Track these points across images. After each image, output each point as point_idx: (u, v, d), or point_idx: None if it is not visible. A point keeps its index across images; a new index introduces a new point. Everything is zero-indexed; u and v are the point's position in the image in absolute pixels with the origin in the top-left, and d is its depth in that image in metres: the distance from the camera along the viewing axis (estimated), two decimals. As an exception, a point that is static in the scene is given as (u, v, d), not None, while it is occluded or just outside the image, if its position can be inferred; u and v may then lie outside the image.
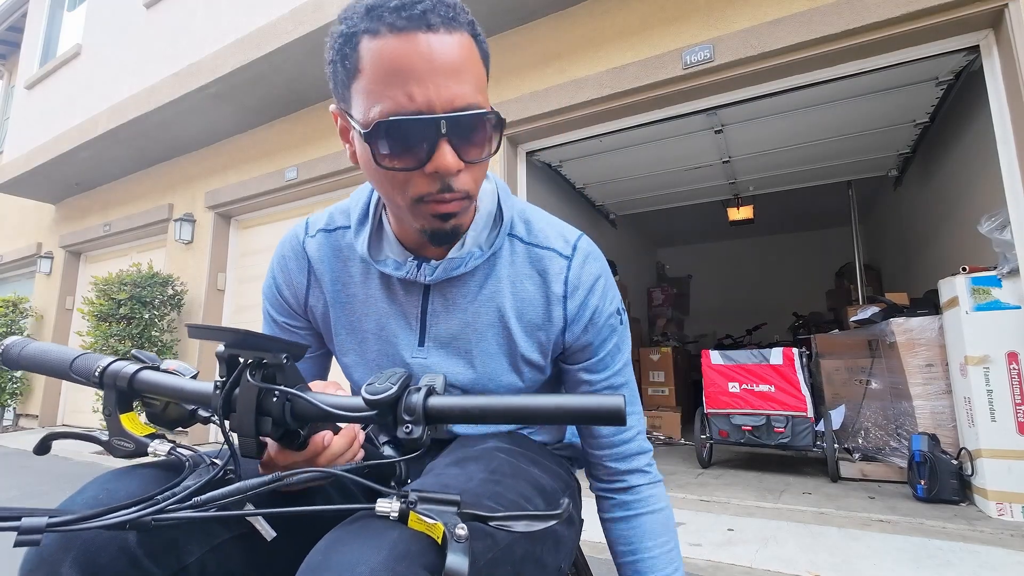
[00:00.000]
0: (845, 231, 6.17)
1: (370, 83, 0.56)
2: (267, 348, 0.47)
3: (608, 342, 0.75)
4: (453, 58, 0.56)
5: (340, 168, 4.68)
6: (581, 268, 0.73)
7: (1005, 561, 2.00)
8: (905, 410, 3.18)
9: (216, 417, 0.49)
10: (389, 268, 0.72)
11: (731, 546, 2.23)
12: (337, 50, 0.59)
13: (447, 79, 0.55)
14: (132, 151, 6.09)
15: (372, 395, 0.43)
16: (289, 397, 0.47)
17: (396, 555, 0.43)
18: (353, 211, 0.76)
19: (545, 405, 0.41)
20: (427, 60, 0.54)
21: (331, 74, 0.61)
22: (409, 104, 0.55)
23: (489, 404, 0.42)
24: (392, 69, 0.54)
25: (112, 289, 5.34)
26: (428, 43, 0.54)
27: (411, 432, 0.41)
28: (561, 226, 0.78)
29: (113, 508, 0.41)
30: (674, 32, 3.31)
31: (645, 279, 8.31)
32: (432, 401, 0.42)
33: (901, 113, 4.06)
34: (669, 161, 4.88)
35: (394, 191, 0.61)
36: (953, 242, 4.07)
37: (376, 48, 0.55)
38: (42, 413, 7.01)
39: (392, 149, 0.57)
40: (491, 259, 0.73)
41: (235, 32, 4.69)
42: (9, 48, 9.37)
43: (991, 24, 2.68)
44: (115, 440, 0.51)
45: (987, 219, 2.71)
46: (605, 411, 0.40)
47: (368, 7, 0.56)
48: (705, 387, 3.70)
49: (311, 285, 0.79)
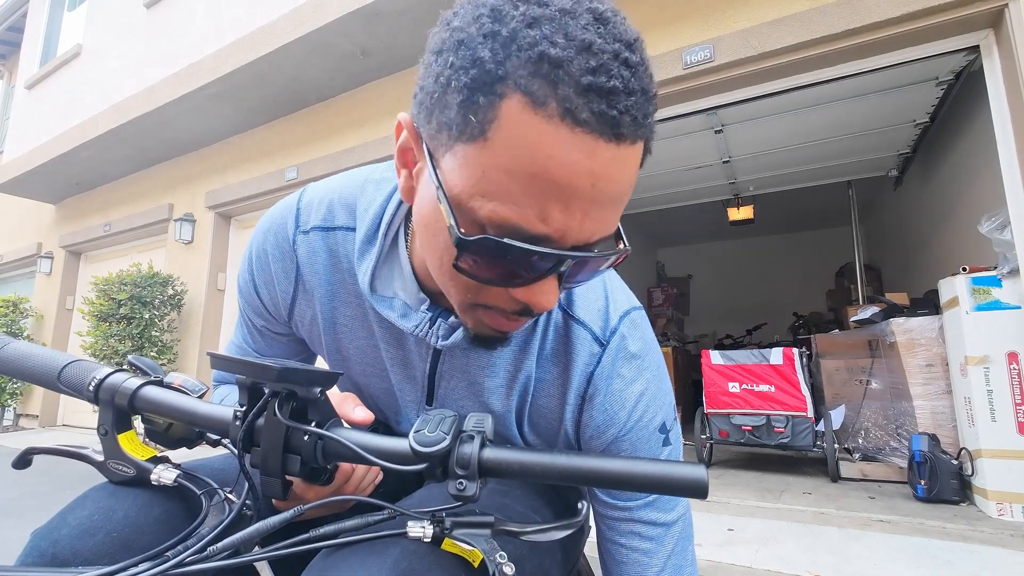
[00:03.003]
0: (845, 231, 6.16)
1: (497, 171, 0.38)
2: (298, 381, 0.41)
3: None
4: (623, 186, 0.40)
5: (340, 168, 4.68)
6: (612, 366, 0.57)
7: (1005, 561, 2.00)
8: (905, 410, 3.17)
9: (235, 449, 0.44)
10: (395, 313, 0.56)
11: (731, 546, 2.23)
12: (458, 76, 0.38)
13: (603, 211, 0.40)
14: (132, 151, 6.09)
15: (423, 446, 0.38)
16: (321, 436, 0.42)
17: (399, 572, 0.42)
18: (360, 218, 0.58)
19: (615, 469, 0.37)
20: (593, 184, 0.38)
21: (429, 90, 0.41)
22: (538, 226, 0.39)
23: (551, 462, 0.38)
24: (543, 175, 0.37)
25: (112, 289, 5.34)
26: (606, 161, 0.38)
27: (464, 489, 0.37)
28: (610, 295, 0.59)
29: (119, 568, 0.37)
30: (674, 32, 3.31)
31: (645, 279, 8.32)
32: (487, 454, 0.38)
33: (901, 113, 4.06)
34: (669, 161, 4.88)
35: (453, 285, 0.46)
36: (953, 242, 4.07)
37: (531, 132, 0.37)
38: (42, 413, 7.01)
39: (485, 263, 0.42)
40: (524, 329, 0.57)
41: (235, 32, 4.69)
42: (9, 48, 9.37)
43: (991, 24, 2.68)
44: (112, 463, 0.46)
45: (987, 219, 2.71)
46: (687, 482, 0.34)
47: (542, 55, 0.36)
48: (705, 387, 3.70)
49: (298, 295, 0.63)
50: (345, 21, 3.88)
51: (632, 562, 0.59)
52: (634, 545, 0.59)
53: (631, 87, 0.37)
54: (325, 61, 4.36)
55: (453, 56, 0.39)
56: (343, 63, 4.39)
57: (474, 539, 0.41)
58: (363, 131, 4.64)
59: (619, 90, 0.37)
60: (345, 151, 4.68)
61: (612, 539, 0.60)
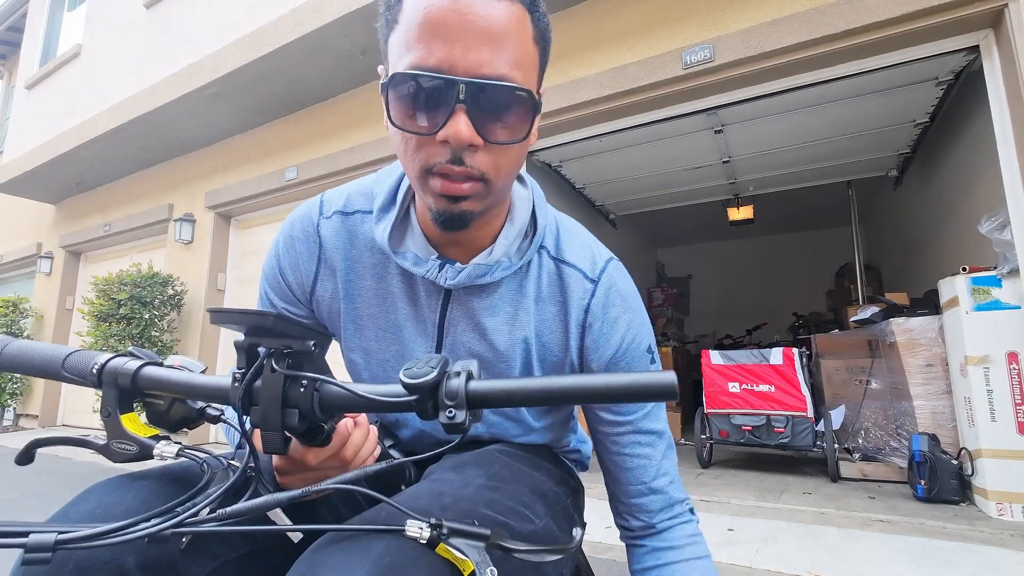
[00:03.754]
0: (845, 231, 6.17)
1: (402, 33, 0.53)
2: (293, 335, 0.44)
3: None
4: (492, 23, 0.51)
5: (340, 168, 4.68)
6: (606, 297, 0.68)
7: (1005, 561, 2.00)
8: (905, 410, 3.17)
9: (235, 412, 0.45)
10: (408, 262, 0.66)
11: (731, 546, 2.23)
12: (385, 2, 0.56)
13: (478, 42, 0.50)
14: (132, 151, 6.09)
15: (412, 379, 0.40)
16: (318, 386, 0.44)
17: (383, 567, 0.42)
18: (378, 195, 0.69)
19: (591, 385, 0.39)
20: (461, 17, 0.50)
21: (379, 31, 0.57)
22: (429, 60, 0.50)
23: (534, 386, 0.40)
24: (423, 20, 0.50)
25: (112, 289, 5.34)
26: (470, 1, 0.50)
27: (454, 417, 0.39)
28: (592, 244, 0.72)
29: (129, 524, 0.38)
30: (674, 32, 3.31)
31: (645, 279, 8.32)
32: (473, 385, 0.40)
33: (901, 113, 4.06)
34: (669, 161, 4.88)
35: (406, 158, 0.57)
36: (953, 242, 4.07)
37: (419, 0, 0.51)
38: (42, 413, 7.01)
39: (405, 107, 0.53)
40: (519, 273, 0.68)
41: (235, 32, 4.69)
42: (9, 48, 9.37)
43: (991, 24, 2.68)
44: (115, 443, 0.46)
45: (987, 219, 2.71)
46: (657, 387, 0.37)
47: None
48: (705, 387, 3.70)
49: (320, 272, 0.72)
50: (345, 21, 3.88)
51: (637, 466, 0.71)
52: (636, 452, 0.71)
53: None
54: (325, 61, 4.36)
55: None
56: (343, 63, 4.39)
57: (468, 549, 0.42)
58: (363, 131, 4.64)
59: None
60: (345, 151, 4.68)
61: (618, 452, 0.71)
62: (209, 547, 0.53)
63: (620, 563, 2.09)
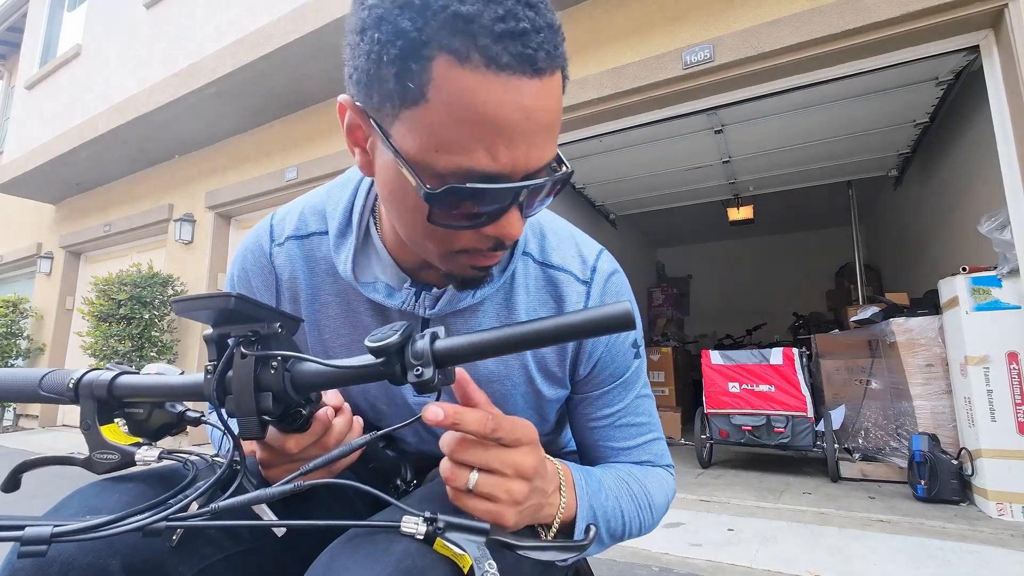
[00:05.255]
0: (845, 231, 6.17)
1: (444, 126, 0.42)
2: (259, 317, 0.44)
3: (621, 376, 0.67)
4: (552, 113, 0.45)
5: (340, 168, 4.68)
6: (601, 297, 0.64)
7: (1005, 561, 2.00)
8: (905, 410, 3.17)
9: (211, 405, 0.45)
10: (380, 295, 0.60)
11: (731, 546, 2.23)
12: (387, 50, 0.42)
13: (540, 138, 0.45)
14: (132, 151, 6.09)
15: (376, 342, 0.40)
16: (289, 365, 0.44)
17: (402, 571, 0.42)
18: (331, 217, 0.63)
19: (552, 326, 0.39)
20: (527, 117, 0.43)
21: (363, 68, 0.45)
22: (491, 165, 0.44)
23: (497, 336, 0.40)
24: (483, 120, 0.42)
25: (112, 289, 5.35)
26: (533, 95, 0.43)
27: (422, 375, 0.39)
28: (578, 241, 0.67)
29: (123, 516, 0.38)
30: (674, 32, 3.31)
31: (645, 279, 8.32)
32: (439, 343, 0.40)
33: (901, 113, 4.06)
34: (669, 161, 4.88)
35: (430, 240, 0.51)
36: (953, 242, 4.07)
37: (464, 85, 0.41)
38: (42, 413, 7.02)
39: (454, 210, 0.47)
40: (504, 287, 0.63)
41: (235, 32, 4.70)
42: (9, 48, 9.37)
43: (991, 24, 2.68)
44: (96, 455, 0.46)
45: (987, 219, 2.71)
46: (612, 318, 0.37)
47: (455, 14, 0.40)
48: (705, 387, 3.70)
49: (280, 305, 0.67)
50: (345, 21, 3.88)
51: (626, 447, 0.69)
52: (624, 444, 0.69)
53: (538, 25, 0.42)
54: (325, 61, 4.36)
55: (377, 32, 0.43)
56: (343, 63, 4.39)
57: (466, 544, 0.42)
58: (363, 131, 4.63)
59: (529, 30, 0.41)
60: (345, 151, 4.68)
61: (606, 445, 0.69)
62: (196, 547, 0.52)
63: (620, 563, 2.09)
